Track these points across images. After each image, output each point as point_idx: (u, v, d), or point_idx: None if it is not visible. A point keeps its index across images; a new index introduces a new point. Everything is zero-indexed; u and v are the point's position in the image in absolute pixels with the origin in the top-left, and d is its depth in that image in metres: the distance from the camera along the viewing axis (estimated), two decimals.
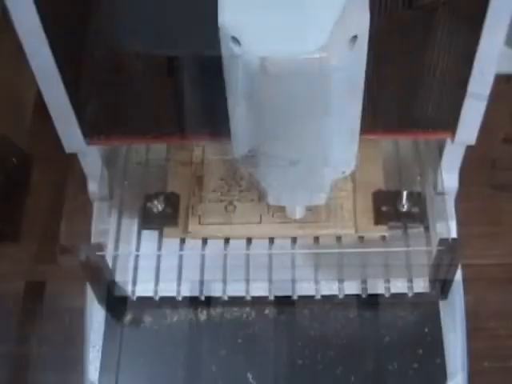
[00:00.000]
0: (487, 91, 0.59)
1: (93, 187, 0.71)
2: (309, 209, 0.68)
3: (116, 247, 0.68)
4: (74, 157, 0.68)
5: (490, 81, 0.59)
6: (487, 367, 0.75)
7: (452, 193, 0.71)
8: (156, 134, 0.65)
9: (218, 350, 0.65)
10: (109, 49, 0.57)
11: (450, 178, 0.70)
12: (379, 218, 0.68)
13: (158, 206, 0.69)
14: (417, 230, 0.68)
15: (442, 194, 0.69)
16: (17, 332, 0.81)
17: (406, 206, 0.68)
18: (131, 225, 0.70)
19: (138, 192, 0.71)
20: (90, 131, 0.64)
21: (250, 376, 0.64)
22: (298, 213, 0.67)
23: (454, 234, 0.67)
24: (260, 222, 0.68)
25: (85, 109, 0.62)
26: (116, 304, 0.66)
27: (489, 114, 0.61)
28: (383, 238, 0.68)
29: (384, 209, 0.68)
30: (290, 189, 0.61)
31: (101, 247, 0.62)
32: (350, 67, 0.50)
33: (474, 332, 0.67)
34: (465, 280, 0.67)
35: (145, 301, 0.66)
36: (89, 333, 0.66)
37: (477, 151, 0.66)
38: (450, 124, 0.63)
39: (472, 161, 0.69)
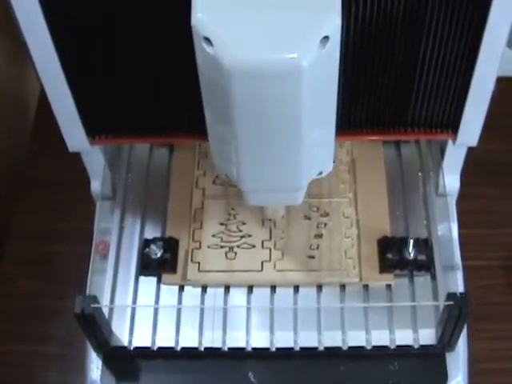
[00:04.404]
0: (489, 93, 0.59)
1: (95, 186, 0.71)
2: (311, 256, 0.67)
3: (112, 296, 0.66)
4: None
5: (491, 83, 0.58)
6: (487, 368, 0.74)
7: (453, 195, 0.71)
8: (159, 134, 0.64)
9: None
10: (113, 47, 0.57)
11: (451, 179, 0.69)
12: (385, 266, 0.66)
13: (156, 251, 0.67)
14: (423, 279, 0.66)
15: (444, 196, 0.68)
16: (19, 331, 0.80)
17: (412, 254, 0.66)
18: (128, 271, 0.68)
19: (135, 237, 0.69)
20: (94, 130, 0.64)
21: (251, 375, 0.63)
22: (278, 213, 0.67)
23: (461, 288, 0.65)
24: (261, 270, 0.66)
25: (88, 108, 0.62)
26: (114, 353, 0.65)
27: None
28: (389, 285, 0.66)
29: (390, 256, 0.66)
30: (268, 190, 0.60)
31: (96, 299, 0.61)
32: (322, 68, 0.50)
33: (474, 333, 0.66)
34: (465, 280, 0.66)
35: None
36: None
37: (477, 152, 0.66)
38: (452, 125, 0.62)
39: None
